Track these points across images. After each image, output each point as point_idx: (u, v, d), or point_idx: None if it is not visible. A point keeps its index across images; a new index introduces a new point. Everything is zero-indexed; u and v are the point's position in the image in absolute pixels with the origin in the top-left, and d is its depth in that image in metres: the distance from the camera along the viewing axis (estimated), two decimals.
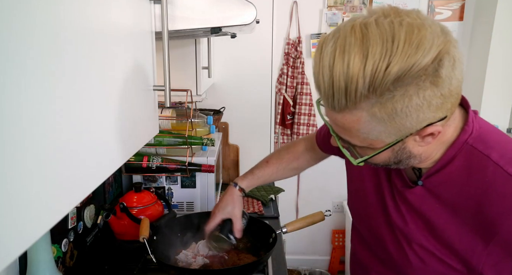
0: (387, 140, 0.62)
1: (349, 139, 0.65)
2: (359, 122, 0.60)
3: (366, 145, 0.64)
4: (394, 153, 0.66)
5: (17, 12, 0.30)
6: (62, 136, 0.38)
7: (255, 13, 0.75)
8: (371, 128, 0.60)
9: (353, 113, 0.59)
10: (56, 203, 0.37)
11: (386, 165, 0.71)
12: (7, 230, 0.29)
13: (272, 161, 1.20)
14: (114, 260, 1.34)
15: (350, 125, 0.61)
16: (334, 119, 0.63)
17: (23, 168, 0.31)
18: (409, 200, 0.77)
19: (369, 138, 0.62)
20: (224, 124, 2.13)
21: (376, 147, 0.64)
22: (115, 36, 0.53)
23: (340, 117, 0.61)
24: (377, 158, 0.67)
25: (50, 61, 0.35)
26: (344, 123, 0.61)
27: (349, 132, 0.63)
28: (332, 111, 0.61)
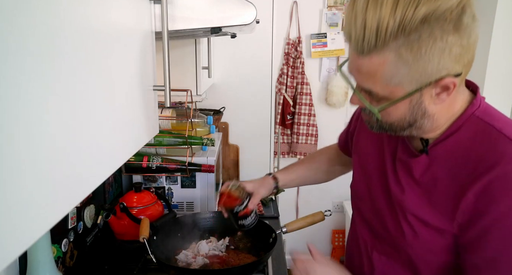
0: (408, 87, 0.65)
1: (372, 86, 0.67)
2: (385, 64, 0.63)
3: (387, 93, 0.67)
4: (411, 108, 0.68)
5: (17, 12, 0.30)
6: (62, 136, 0.38)
7: (255, 13, 0.75)
8: (396, 71, 0.63)
9: (381, 54, 0.63)
10: (56, 203, 0.37)
11: (399, 129, 0.73)
12: (7, 230, 0.29)
13: (304, 160, 1.24)
14: (114, 260, 1.33)
15: (375, 69, 0.64)
16: (360, 66, 0.66)
17: (23, 168, 0.31)
18: (412, 169, 0.79)
19: (391, 84, 0.65)
20: (224, 124, 2.13)
21: (396, 95, 0.67)
22: (115, 36, 0.53)
23: (367, 61, 0.64)
24: (394, 112, 0.69)
25: (50, 61, 0.35)
26: (370, 67, 0.65)
27: (373, 78, 0.66)
28: (360, 56, 0.65)
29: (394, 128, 0.74)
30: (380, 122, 0.74)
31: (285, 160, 2.68)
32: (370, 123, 0.78)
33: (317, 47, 2.51)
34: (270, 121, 2.15)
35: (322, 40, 2.50)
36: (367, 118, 0.78)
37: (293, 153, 2.62)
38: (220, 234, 1.34)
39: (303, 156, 2.61)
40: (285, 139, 2.65)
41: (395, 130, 0.75)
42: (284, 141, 2.65)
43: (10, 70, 0.29)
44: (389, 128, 0.75)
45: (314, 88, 2.59)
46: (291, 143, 2.63)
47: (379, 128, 0.77)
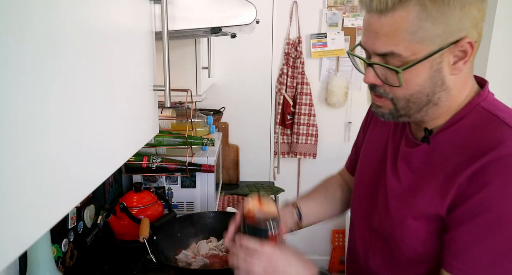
0: (430, 46, 0.64)
1: (394, 47, 0.65)
2: (408, 19, 0.63)
3: (409, 53, 0.65)
4: (431, 74, 0.67)
5: (16, 11, 0.30)
6: (61, 136, 0.38)
7: (255, 13, 0.75)
8: (419, 25, 0.63)
9: (405, 7, 0.63)
10: (56, 203, 0.37)
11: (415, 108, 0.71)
12: (7, 230, 0.29)
13: (317, 188, 1.11)
14: (114, 260, 1.33)
15: (398, 25, 0.64)
16: (381, 27, 0.66)
17: (23, 168, 0.31)
18: (411, 159, 0.78)
19: (414, 40, 0.64)
20: (224, 124, 2.13)
21: (419, 55, 0.65)
22: (115, 36, 0.53)
23: (389, 19, 0.64)
24: (415, 79, 0.67)
25: (50, 61, 0.35)
26: (392, 24, 0.64)
27: (396, 36, 0.65)
28: (381, 15, 0.65)
29: (411, 106, 0.71)
30: (396, 101, 0.72)
31: (285, 159, 2.68)
32: (383, 108, 0.75)
33: (317, 47, 2.51)
34: (270, 121, 2.15)
35: (322, 40, 2.50)
36: (380, 103, 0.75)
37: (293, 153, 2.62)
38: (220, 234, 1.33)
39: (303, 156, 2.61)
40: (285, 139, 2.65)
41: (411, 111, 0.72)
42: (284, 141, 2.65)
43: (9, 70, 0.29)
44: (405, 107, 0.72)
45: (314, 88, 2.59)
46: (291, 143, 2.63)
47: (394, 113, 0.74)
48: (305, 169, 2.73)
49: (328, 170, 2.79)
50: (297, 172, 2.74)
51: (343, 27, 2.49)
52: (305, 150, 2.60)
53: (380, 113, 0.76)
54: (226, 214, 1.40)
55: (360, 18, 2.48)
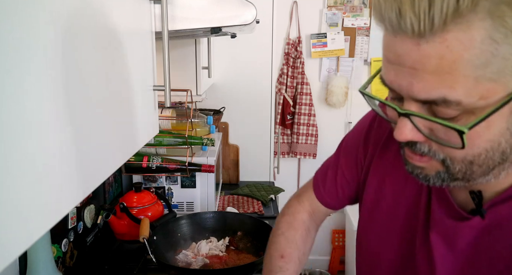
0: (510, 82, 0.40)
1: (447, 92, 0.40)
2: (473, 45, 0.38)
3: (474, 99, 0.40)
4: (511, 121, 0.43)
5: (15, 11, 0.30)
6: (61, 136, 0.38)
7: (255, 13, 0.75)
8: (492, 53, 0.38)
9: (465, 28, 0.37)
10: (56, 203, 0.37)
11: (481, 172, 0.47)
12: (7, 230, 0.29)
13: (286, 251, 0.80)
14: (114, 260, 1.33)
15: (456, 57, 0.38)
16: (425, 58, 0.40)
17: (23, 168, 0.31)
18: (456, 239, 0.54)
19: (485, 78, 0.39)
20: (224, 124, 2.13)
21: (491, 98, 0.40)
22: (115, 36, 0.53)
23: (436, 47, 0.39)
24: (486, 134, 0.43)
25: (50, 61, 0.35)
26: (445, 56, 0.39)
27: (452, 74, 0.39)
28: (422, 41, 0.39)
29: (475, 169, 0.46)
30: (451, 163, 0.46)
31: (285, 159, 2.68)
32: (427, 170, 0.49)
33: (317, 47, 2.51)
34: (270, 121, 2.15)
35: (322, 40, 2.50)
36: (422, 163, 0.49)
37: (293, 152, 2.62)
38: (220, 234, 1.34)
39: (303, 156, 2.61)
40: (285, 139, 2.65)
41: (473, 175, 0.47)
42: (284, 141, 2.65)
43: (9, 70, 0.29)
44: (465, 170, 0.47)
45: (314, 88, 2.59)
46: (291, 143, 2.63)
47: (444, 177, 0.48)
48: (305, 169, 2.73)
49: None
50: (297, 172, 2.74)
51: (343, 27, 2.49)
52: (305, 150, 2.60)
53: (422, 176, 0.50)
54: (226, 214, 1.40)
55: (361, 18, 2.48)
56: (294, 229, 0.82)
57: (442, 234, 0.56)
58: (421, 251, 0.58)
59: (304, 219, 0.83)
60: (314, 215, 0.84)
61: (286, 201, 0.89)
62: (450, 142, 0.44)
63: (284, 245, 0.80)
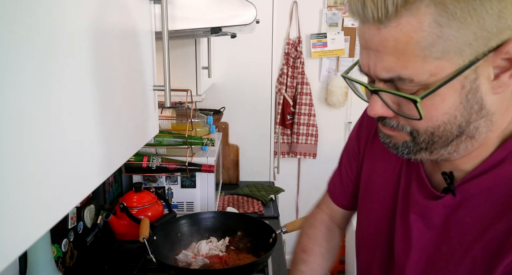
0: (457, 59, 0.45)
1: (402, 70, 0.47)
2: (421, 28, 0.44)
3: (426, 76, 0.47)
4: (463, 97, 0.48)
5: (15, 11, 0.30)
6: (61, 136, 0.38)
7: (255, 13, 0.75)
8: (437, 35, 0.44)
9: (414, 12, 0.44)
10: (56, 203, 0.37)
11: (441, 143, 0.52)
12: (7, 230, 0.29)
13: (308, 246, 0.85)
14: (114, 260, 1.33)
15: (407, 38, 0.45)
16: (384, 41, 0.47)
17: (23, 168, 0.31)
18: (430, 217, 0.59)
19: (431, 56, 0.45)
20: (224, 124, 2.13)
21: (441, 75, 0.46)
22: (115, 36, 0.53)
23: (393, 29, 0.46)
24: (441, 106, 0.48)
25: (50, 61, 0.35)
26: (398, 36, 0.46)
27: (404, 54, 0.46)
28: (381, 26, 0.46)
29: (436, 140, 0.52)
30: (416, 134, 0.52)
31: (285, 159, 2.68)
32: (396, 138, 0.56)
33: (317, 47, 2.51)
34: (270, 121, 2.15)
35: (322, 40, 2.50)
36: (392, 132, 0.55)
37: (293, 152, 2.62)
38: (220, 234, 1.34)
39: (303, 156, 2.61)
40: (285, 139, 2.65)
41: (435, 145, 0.53)
42: (284, 141, 2.65)
43: (9, 70, 0.29)
44: (427, 140, 0.52)
45: (314, 88, 2.59)
46: (291, 143, 2.63)
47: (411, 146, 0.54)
48: (305, 169, 2.73)
49: (328, 170, 2.78)
50: (297, 172, 2.74)
51: (343, 27, 2.49)
52: (305, 150, 2.61)
53: (392, 144, 0.57)
54: (226, 214, 1.40)
55: None
56: (315, 228, 0.88)
57: (419, 214, 0.61)
58: (400, 231, 0.63)
59: (324, 219, 0.89)
60: (334, 218, 0.89)
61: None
62: (412, 115, 0.50)
63: (306, 242, 0.87)
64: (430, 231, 0.59)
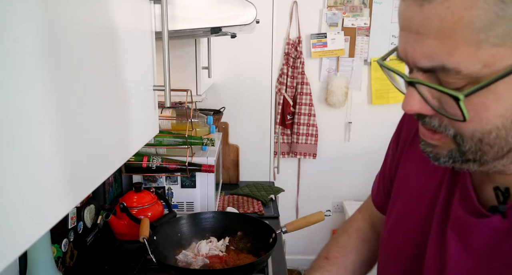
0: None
1: (449, 59, 0.38)
2: (475, 5, 0.35)
3: (478, 67, 0.37)
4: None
5: (16, 12, 0.30)
6: (61, 136, 0.38)
7: (255, 13, 0.75)
8: (497, 14, 0.35)
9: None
10: (56, 203, 0.37)
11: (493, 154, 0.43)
12: (6, 230, 0.29)
13: (332, 254, 0.78)
14: (114, 260, 1.33)
15: (456, 18, 0.36)
16: (426, 20, 0.38)
17: (23, 168, 0.31)
18: (470, 234, 0.50)
19: (488, 42, 0.36)
20: (224, 124, 2.13)
21: (497, 66, 0.37)
22: (115, 36, 0.53)
23: (438, 9, 0.37)
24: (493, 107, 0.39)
25: (49, 61, 0.35)
26: (445, 18, 0.37)
27: (452, 38, 0.37)
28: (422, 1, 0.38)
29: (486, 149, 0.42)
30: (461, 140, 0.43)
31: (285, 159, 2.68)
32: (440, 148, 0.47)
33: (317, 47, 2.51)
34: (270, 121, 2.15)
35: (322, 40, 2.50)
36: (435, 141, 0.46)
37: (293, 152, 2.62)
38: (220, 234, 1.34)
39: (303, 156, 2.61)
40: (285, 139, 2.65)
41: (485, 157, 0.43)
42: (284, 141, 2.65)
43: (9, 70, 0.29)
44: (476, 150, 0.43)
45: (314, 88, 2.59)
46: (291, 143, 2.63)
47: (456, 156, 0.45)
48: (305, 169, 2.73)
49: (328, 170, 2.79)
50: (297, 172, 2.74)
51: (343, 27, 2.49)
52: (305, 150, 2.60)
53: (433, 154, 0.48)
54: (226, 214, 1.40)
55: (361, 18, 2.48)
56: (348, 236, 0.81)
57: (458, 231, 0.51)
58: (433, 247, 0.54)
59: (360, 227, 0.81)
60: (375, 225, 0.81)
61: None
62: (455, 115, 0.40)
63: (332, 248, 0.79)
64: (468, 254, 0.50)
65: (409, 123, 0.68)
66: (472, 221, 0.49)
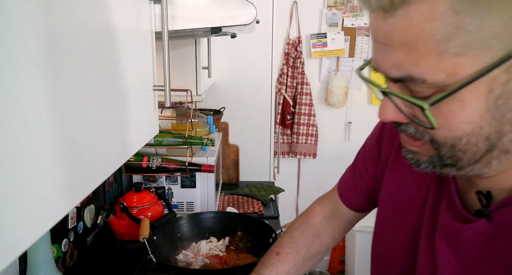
0: (482, 56, 0.37)
1: (414, 70, 0.39)
2: (434, 17, 0.36)
3: (442, 77, 0.39)
4: (490, 103, 0.39)
5: (15, 11, 0.30)
6: (61, 136, 0.38)
7: (255, 13, 0.75)
8: (455, 26, 0.36)
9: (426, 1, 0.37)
10: (56, 203, 0.37)
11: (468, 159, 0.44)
12: (6, 230, 0.29)
13: (284, 250, 0.80)
14: (114, 260, 1.34)
15: (418, 31, 0.38)
16: (390, 33, 0.40)
17: (22, 168, 0.31)
18: (459, 240, 0.50)
19: (449, 53, 0.37)
20: (224, 124, 2.13)
21: (460, 75, 0.38)
22: (115, 36, 0.53)
23: (400, 21, 0.38)
24: (460, 114, 0.40)
25: (49, 61, 0.35)
26: (407, 30, 0.38)
27: (415, 49, 0.38)
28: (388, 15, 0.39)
29: (460, 156, 0.43)
30: (437, 146, 0.44)
31: (285, 159, 2.68)
32: (421, 154, 0.48)
33: (317, 47, 2.51)
34: (270, 121, 2.15)
35: (322, 40, 2.50)
36: (416, 148, 0.48)
37: (293, 152, 2.62)
38: (220, 234, 1.34)
39: (303, 156, 2.61)
40: (285, 138, 2.65)
41: (461, 162, 0.44)
42: (284, 141, 2.65)
43: (8, 70, 0.29)
44: (452, 157, 0.44)
45: (314, 88, 2.59)
46: (291, 143, 2.63)
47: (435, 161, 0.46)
48: (305, 169, 2.73)
49: (328, 170, 2.79)
50: (297, 172, 2.74)
51: (343, 27, 2.49)
52: (305, 150, 2.61)
53: (414, 161, 0.49)
54: (226, 214, 1.40)
55: (361, 18, 2.48)
56: (301, 231, 0.82)
57: (447, 238, 0.52)
58: (424, 255, 0.55)
59: (316, 223, 0.82)
60: (333, 218, 0.81)
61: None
62: (425, 123, 0.42)
63: (285, 244, 0.81)
64: (458, 260, 0.50)
65: (391, 127, 0.68)
66: (459, 227, 0.50)
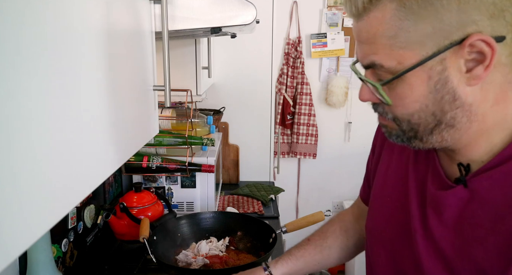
0: (419, 50, 0.50)
1: (373, 57, 0.53)
2: (384, 21, 0.51)
3: (394, 63, 0.52)
4: (431, 87, 0.51)
5: (15, 11, 0.30)
6: (61, 136, 0.38)
7: (255, 13, 0.75)
8: (398, 27, 0.50)
9: (378, 8, 0.51)
10: (56, 203, 0.37)
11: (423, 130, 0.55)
12: (7, 230, 0.29)
13: (314, 237, 0.93)
14: (114, 260, 1.33)
15: (375, 30, 0.52)
16: (359, 32, 0.55)
17: (22, 168, 0.31)
18: (442, 206, 0.59)
19: (396, 46, 0.51)
20: (224, 124, 2.13)
21: (405, 63, 0.51)
22: (115, 36, 0.53)
23: (364, 24, 0.53)
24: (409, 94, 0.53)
25: (50, 61, 0.35)
26: (369, 30, 0.53)
27: (374, 43, 0.53)
28: (359, 20, 0.54)
29: (416, 128, 0.55)
30: (399, 122, 0.56)
31: (285, 159, 2.68)
32: (390, 128, 0.60)
33: (317, 47, 2.51)
34: (270, 121, 2.15)
35: (322, 40, 2.50)
36: (384, 122, 0.60)
37: (293, 152, 2.62)
38: (220, 234, 1.34)
39: (303, 156, 2.61)
40: (285, 138, 2.65)
41: (419, 134, 0.56)
42: (284, 141, 2.65)
43: (9, 70, 0.29)
44: (409, 129, 0.56)
45: (314, 88, 2.59)
46: (291, 143, 2.63)
47: (401, 135, 0.58)
48: (305, 169, 2.73)
49: (328, 170, 2.78)
50: (297, 172, 2.74)
51: (343, 27, 2.49)
52: (305, 150, 2.60)
53: (387, 133, 0.61)
54: (226, 214, 1.40)
55: None
56: (331, 223, 0.95)
57: (433, 206, 0.61)
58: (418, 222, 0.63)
59: (345, 219, 0.94)
60: (361, 217, 0.90)
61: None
62: (384, 100, 0.55)
63: (316, 233, 0.95)
64: (442, 224, 0.59)
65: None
66: (443, 195, 0.59)
